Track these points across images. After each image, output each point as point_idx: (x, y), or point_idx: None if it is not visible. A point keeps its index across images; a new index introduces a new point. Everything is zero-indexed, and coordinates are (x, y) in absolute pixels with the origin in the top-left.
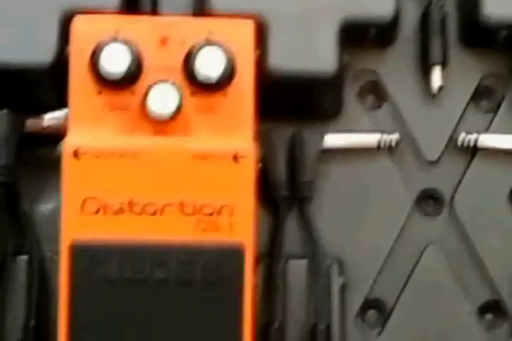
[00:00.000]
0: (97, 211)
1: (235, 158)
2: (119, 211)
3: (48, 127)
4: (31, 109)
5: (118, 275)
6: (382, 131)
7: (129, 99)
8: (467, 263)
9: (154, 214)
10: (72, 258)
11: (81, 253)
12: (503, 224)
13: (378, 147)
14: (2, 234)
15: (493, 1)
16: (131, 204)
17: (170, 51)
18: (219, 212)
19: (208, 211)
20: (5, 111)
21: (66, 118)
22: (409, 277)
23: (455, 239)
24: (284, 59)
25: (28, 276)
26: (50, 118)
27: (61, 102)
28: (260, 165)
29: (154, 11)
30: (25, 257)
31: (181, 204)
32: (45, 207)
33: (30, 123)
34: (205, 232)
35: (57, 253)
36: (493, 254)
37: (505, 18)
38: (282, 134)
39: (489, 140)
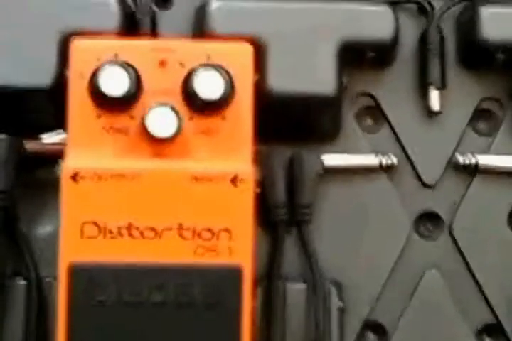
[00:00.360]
0: (96, 234)
1: (234, 180)
2: (118, 234)
3: (47, 149)
4: (30, 131)
5: (116, 298)
6: (380, 153)
7: (128, 121)
8: (466, 285)
9: (153, 237)
10: (71, 280)
11: (79, 275)
12: (503, 247)
13: (377, 168)
14: (0, 257)
15: (492, 23)
16: (130, 227)
17: (169, 74)
18: (218, 236)
19: (207, 235)
20: (3, 135)
21: (65, 140)
22: (408, 300)
23: (454, 261)
24: (283, 81)
25: (26, 299)
26: (48, 138)
27: (60, 124)
28: (259, 187)
29: (154, 33)
30: (23, 280)
31: (180, 228)
32: (43, 230)
33: (29, 145)
34: (204, 255)
35: (55, 276)
36: (492, 277)
37: (503, 40)
38: (281, 156)
39: (489, 161)
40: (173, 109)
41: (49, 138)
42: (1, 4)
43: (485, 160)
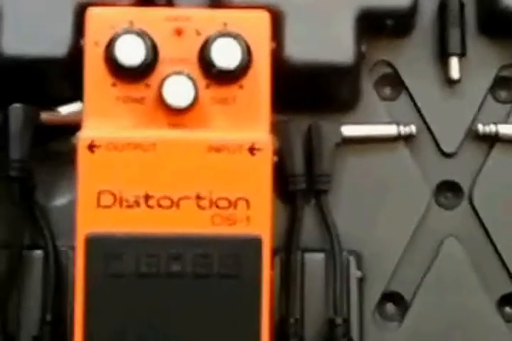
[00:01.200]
0: (112, 204)
1: (251, 150)
2: (135, 204)
3: (63, 120)
4: (46, 102)
5: (134, 269)
6: (399, 123)
7: (144, 91)
8: (486, 255)
9: (170, 207)
10: (88, 251)
11: (96, 246)
12: None
13: (396, 138)
14: (17, 228)
15: None
16: (146, 197)
17: (185, 43)
18: (235, 205)
19: (225, 204)
20: (19, 104)
21: (81, 111)
22: (427, 270)
23: (474, 231)
24: (301, 50)
25: (44, 270)
26: (65, 110)
27: (76, 95)
28: (276, 157)
29: (169, 3)
30: (40, 251)
31: (197, 197)
32: (59, 201)
33: (45, 116)
34: (222, 225)
35: (72, 247)
36: None
37: None
38: (299, 126)
39: (509, 130)
40: (189, 78)
41: (66, 110)
42: None
43: (505, 129)
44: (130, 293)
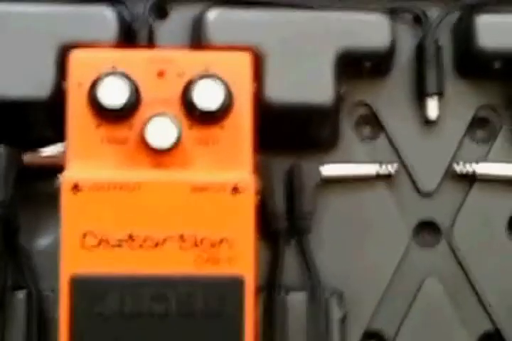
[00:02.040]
0: (97, 245)
1: (235, 190)
2: (119, 244)
3: (46, 161)
4: (29, 143)
5: (118, 310)
6: (379, 162)
7: (128, 131)
8: (466, 293)
9: (154, 247)
10: (72, 292)
11: (81, 287)
12: (502, 254)
13: (375, 177)
14: (0, 270)
15: (487, 31)
16: (130, 237)
17: (168, 84)
18: (219, 245)
19: (208, 244)
20: (2, 146)
21: (64, 151)
22: (408, 308)
23: (453, 269)
24: (281, 90)
25: (27, 311)
26: (48, 152)
27: (59, 136)
28: (259, 196)
29: (151, 44)
30: (23, 292)
31: (181, 238)
32: (42, 243)
33: (28, 157)
34: (206, 265)
35: (54, 289)
36: (492, 284)
37: (499, 48)
38: (280, 165)
39: (486, 169)
40: (172, 119)
41: (48, 151)
42: None
43: (482, 168)
44: (115, 333)
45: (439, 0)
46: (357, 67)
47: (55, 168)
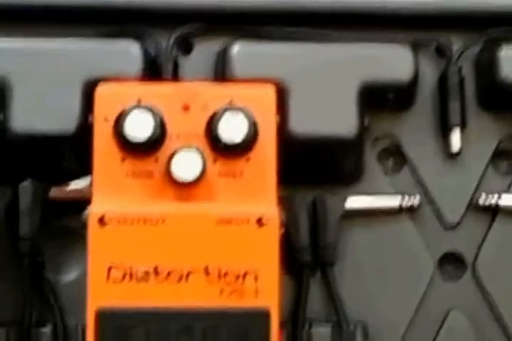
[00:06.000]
0: (123, 278)
1: (259, 222)
2: (145, 278)
3: (72, 195)
4: (55, 177)
5: None
6: (402, 194)
7: (153, 165)
8: (491, 326)
9: (179, 280)
10: (99, 325)
11: (107, 320)
12: None
13: (399, 210)
14: (26, 305)
15: (510, 64)
16: (156, 271)
17: (192, 117)
18: (244, 277)
19: (233, 277)
20: (28, 181)
21: (90, 185)
22: None
23: (478, 302)
24: (305, 123)
25: None
26: (74, 186)
27: (85, 171)
28: (283, 229)
29: (175, 78)
30: (49, 328)
31: (206, 271)
32: (68, 277)
33: (55, 192)
34: (231, 298)
35: (80, 323)
36: None
37: None
38: (304, 198)
39: (510, 200)
40: (197, 152)
41: (75, 185)
42: (25, 52)
43: (506, 200)
44: None
45: (462, 32)
46: (380, 99)
47: (81, 202)
